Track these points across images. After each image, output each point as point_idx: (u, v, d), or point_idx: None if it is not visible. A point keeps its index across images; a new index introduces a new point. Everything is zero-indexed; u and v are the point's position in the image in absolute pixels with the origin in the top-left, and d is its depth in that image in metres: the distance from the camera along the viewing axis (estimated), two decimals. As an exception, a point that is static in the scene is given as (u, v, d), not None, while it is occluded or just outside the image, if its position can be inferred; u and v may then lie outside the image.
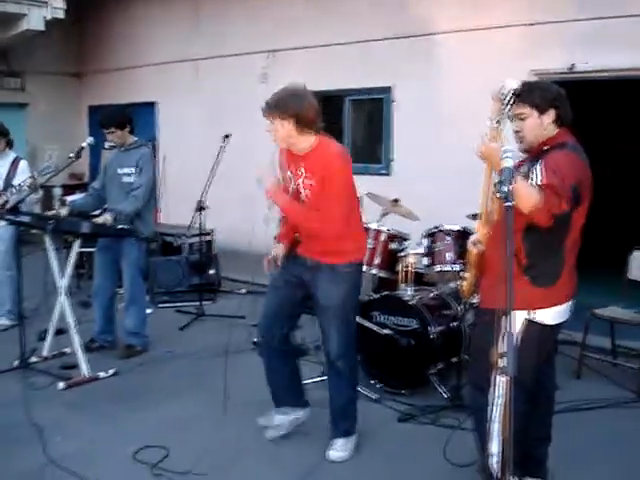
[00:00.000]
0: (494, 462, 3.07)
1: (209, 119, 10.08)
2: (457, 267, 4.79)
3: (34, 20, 9.85)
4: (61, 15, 9.95)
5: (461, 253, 4.71)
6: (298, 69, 9.15)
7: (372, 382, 4.89)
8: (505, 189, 2.38)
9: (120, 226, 5.09)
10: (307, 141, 3.68)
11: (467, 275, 3.35)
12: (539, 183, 2.85)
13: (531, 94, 3.08)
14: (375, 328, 4.82)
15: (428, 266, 4.94)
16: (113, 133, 5.45)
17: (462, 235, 4.82)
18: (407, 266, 4.95)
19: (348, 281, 3.81)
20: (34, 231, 5.34)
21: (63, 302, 5.10)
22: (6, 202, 6.11)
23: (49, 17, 9.89)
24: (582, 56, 6.84)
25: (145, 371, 5.22)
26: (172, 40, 10.78)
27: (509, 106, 2.92)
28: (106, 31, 11.91)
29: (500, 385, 2.95)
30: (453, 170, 7.28)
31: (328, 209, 3.62)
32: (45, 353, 5.39)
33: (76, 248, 5.06)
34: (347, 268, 3.79)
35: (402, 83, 8.34)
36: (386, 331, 4.78)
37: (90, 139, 5.46)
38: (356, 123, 9.16)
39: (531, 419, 3.18)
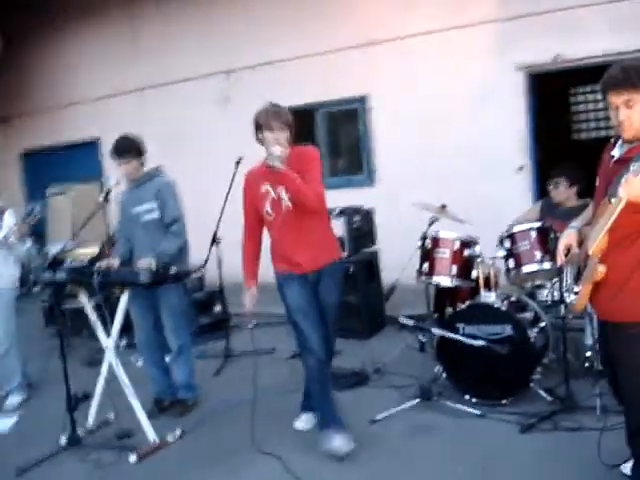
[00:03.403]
0: None
1: (162, 152, 9.47)
2: (547, 265, 4.61)
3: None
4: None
5: (546, 250, 4.58)
6: (262, 87, 8.79)
7: (466, 397, 4.61)
8: None
9: (174, 269, 4.53)
10: None
11: (580, 290, 3.11)
12: None
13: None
14: (467, 340, 4.54)
15: (515, 268, 4.72)
16: (128, 163, 4.83)
17: (544, 231, 4.67)
18: (488, 271, 4.73)
19: None
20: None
21: (113, 363, 4.55)
22: None
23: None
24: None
25: (213, 427, 4.67)
26: (110, 70, 10.09)
27: None
28: (35, 67, 10.99)
29: None
30: (439, 174, 7.23)
31: None
32: (90, 424, 4.79)
33: (124, 301, 4.52)
34: None
35: (377, 90, 8.15)
36: (480, 342, 4.51)
37: (116, 178, 4.89)
38: (330, 136, 8.88)
39: None
